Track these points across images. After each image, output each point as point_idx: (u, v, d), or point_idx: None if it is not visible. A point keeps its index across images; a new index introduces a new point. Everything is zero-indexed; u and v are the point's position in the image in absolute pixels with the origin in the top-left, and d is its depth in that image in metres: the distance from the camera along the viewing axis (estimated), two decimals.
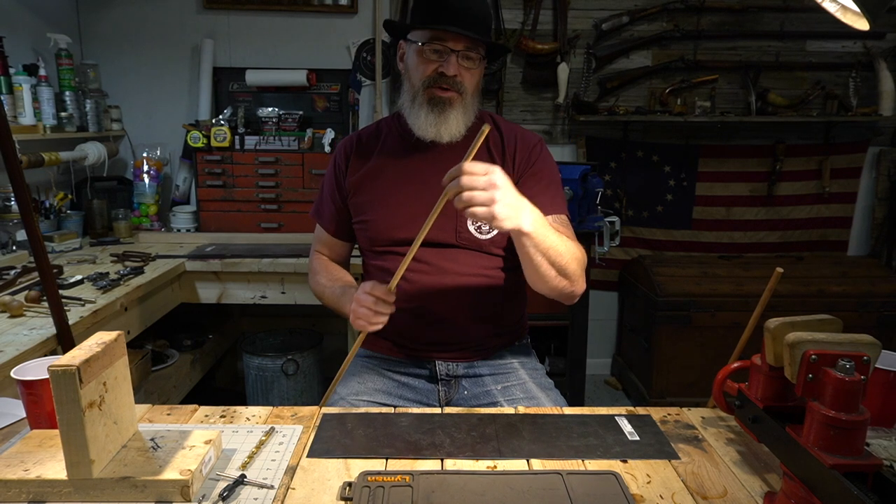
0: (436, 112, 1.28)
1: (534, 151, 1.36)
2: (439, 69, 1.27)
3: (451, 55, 1.26)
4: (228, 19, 2.87)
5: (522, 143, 1.37)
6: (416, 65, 1.30)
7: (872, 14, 0.91)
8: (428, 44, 1.27)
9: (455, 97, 1.29)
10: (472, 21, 1.26)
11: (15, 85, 2.25)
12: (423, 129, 1.30)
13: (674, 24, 2.97)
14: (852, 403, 0.71)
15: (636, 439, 1.00)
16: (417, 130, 1.31)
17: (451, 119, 1.29)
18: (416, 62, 1.30)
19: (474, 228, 1.32)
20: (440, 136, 1.30)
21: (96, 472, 0.80)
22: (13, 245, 2.16)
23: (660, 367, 2.83)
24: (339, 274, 1.45)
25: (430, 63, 1.28)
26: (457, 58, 1.27)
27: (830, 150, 3.13)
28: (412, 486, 0.84)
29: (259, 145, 2.60)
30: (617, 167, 3.13)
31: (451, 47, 1.26)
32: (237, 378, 3.17)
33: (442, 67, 1.27)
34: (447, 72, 1.27)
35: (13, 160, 1.19)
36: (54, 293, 1.30)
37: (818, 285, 2.82)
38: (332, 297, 1.39)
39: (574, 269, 1.21)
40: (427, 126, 1.29)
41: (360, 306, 1.21)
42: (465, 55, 1.27)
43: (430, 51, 1.27)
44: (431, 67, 1.28)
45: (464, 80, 1.29)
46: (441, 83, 1.27)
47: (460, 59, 1.27)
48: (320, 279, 1.44)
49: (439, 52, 1.27)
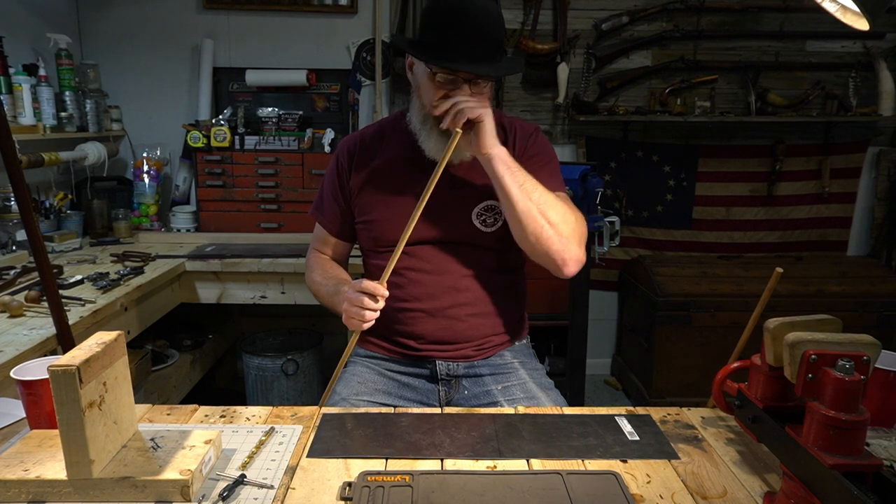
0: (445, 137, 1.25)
1: (531, 138, 1.38)
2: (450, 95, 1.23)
3: (462, 84, 1.22)
4: (228, 19, 2.87)
5: (521, 132, 1.38)
6: (426, 85, 1.25)
7: (872, 14, 0.91)
8: (439, 73, 1.22)
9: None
10: (485, 49, 1.20)
11: (15, 85, 2.25)
12: (435, 153, 1.28)
13: (674, 24, 2.97)
14: (852, 403, 0.71)
15: (636, 439, 1.00)
16: (429, 153, 1.29)
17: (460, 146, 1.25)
18: (426, 82, 1.25)
19: (479, 222, 1.32)
20: (451, 160, 1.27)
21: (96, 472, 0.80)
22: (13, 245, 2.16)
23: (660, 367, 2.83)
24: (335, 271, 1.44)
25: (440, 86, 1.23)
26: (469, 85, 1.22)
27: (830, 150, 3.13)
28: (412, 486, 0.84)
29: (259, 145, 2.60)
30: (617, 167, 3.13)
31: (462, 77, 1.21)
32: (237, 378, 3.17)
33: (452, 94, 1.22)
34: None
35: (13, 160, 1.19)
36: (54, 293, 1.30)
37: (818, 285, 2.82)
38: (326, 294, 1.38)
39: (562, 226, 1.20)
40: (438, 152, 1.26)
41: (351, 305, 1.20)
42: (475, 81, 1.23)
43: (441, 78, 1.22)
44: (441, 92, 1.23)
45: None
46: None
47: (471, 85, 1.23)
48: (315, 276, 1.44)
49: (452, 80, 1.22)
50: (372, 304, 1.18)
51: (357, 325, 1.21)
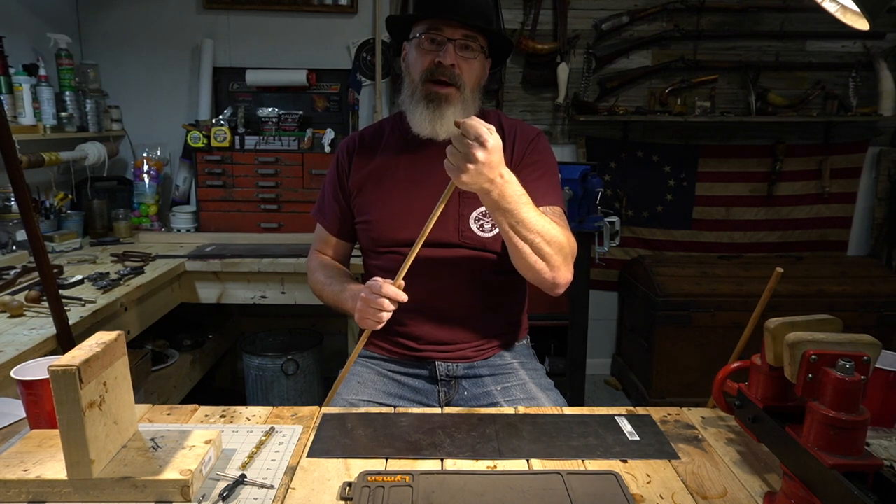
0: (432, 108, 1.26)
1: (531, 143, 1.36)
2: (436, 59, 1.26)
3: (447, 44, 1.25)
4: (228, 19, 2.87)
5: (522, 136, 1.36)
6: (415, 59, 1.30)
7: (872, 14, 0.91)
8: (425, 34, 1.27)
9: (453, 93, 1.27)
10: (470, 11, 1.25)
11: (15, 85, 2.25)
12: (420, 126, 1.29)
13: (674, 24, 2.97)
14: (852, 403, 0.71)
15: (636, 439, 1.00)
16: (415, 127, 1.31)
17: (447, 115, 1.26)
18: (415, 56, 1.30)
19: (476, 227, 1.32)
20: (436, 133, 1.28)
21: (96, 472, 0.80)
22: (13, 245, 2.16)
23: (660, 367, 2.83)
24: (338, 271, 1.44)
25: (428, 54, 1.27)
26: (454, 47, 1.25)
27: (830, 150, 3.13)
28: (412, 486, 0.84)
29: (259, 145, 2.60)
30: (617, 167, 3.13)
31: (448, 36, 1.25)
32: (237, 378, 3.17)
33: (439, 57, 1.26)
34: (444, 61, 1.25)
35: (13, 160, 1.19)
36: (54, 293, 1.30)
37: (818, 285, 2.82)
38: (331, 293, 1.37)
39: (552, 254, 1.17)
40: (423, 122, 1.28)
41: (368, 306, 1.19)
42: (462, 44, 1.26)
43: (427, 41, 1.27)
44: (429, 59, 1.27)
45: (462, 73, 1.27)
46: (439, 75, 1.26)
47: (458, 48, 1.26)
48: (319, 276, 1.43)
49: (436, 41, 1.26)
50: (390, 307, 1.18)
51: (372, 325, 1.20)
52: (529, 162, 1.33)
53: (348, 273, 1.46)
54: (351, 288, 1.31)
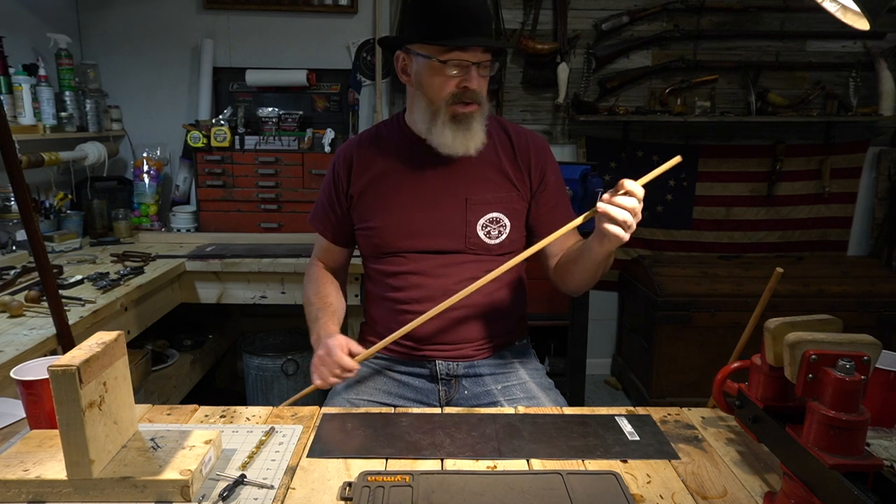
0: (462, 129, 1.26)
1: (547, 157, 1.40)
2: (462, 84, 1.24)
3: (471, 68, 1.23)
4: (228, 19, 2.87)
5: (535, 147, 1.38)
6: (435, 82, 1.24)
7: (872, 14, 0.91)
8: (448, 59, 1.22)
9: (476, 109, 1.27)
10: (483, 27, 1.23)
11: (15, 85, 2.25)
12: (452, 148, 1.27)
13: (674, 24, 2.97)
14: (852, 403, 0.71)
15: (636, 439, 1.00)
16: (444, 149, 1.28)
17: (475, 131, 1.27)
18: (435, 80, 1.24)
19: (484, 234, 1.33)
20: (468, 150, 1.27)
21: (96, 472, 0.80)
22: (13, 245, 2.16)
23: (660, 367, 2.83)
24: (326, 291, 1.43)
25: (452, 79, 1.23)
26: (477, 70, 1.24)
27: (830, 150, 3.13)
28: (412, 486, 0.84)
29: (259, 145, 2.60)
30: (617, 167, 3.13)
31: (472, 60, 1.22)
32: (237, 378, 3.17)
33: (465, 82, 1.23)
34: (471, 86, 1.24)
35: (13, 160, 1.19)
36: (54, 293, 1.30)
37: (818, 285, 2.82)
38: (308, 317, 1.39)
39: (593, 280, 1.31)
40: (456, 144, 1.27)
41: (321, 365, 1.23)
42: (483, 65, 1.25)
43: (451, 66, 1.22)
44: (454, 83, 1.23)
45: (482, 90, 1.27)
46: (464, 98, 1.25)
47: (480, 70, 1.25)
48: (308, 292, 1.44)
49: (460, 66, 1.22)
50: (342, 376, 1.22)
51: (320, 384, 1.24)
52: (547, 181, 1.38)
53: (333, 298, 1.42)
54: (322, 324, 1.33)
